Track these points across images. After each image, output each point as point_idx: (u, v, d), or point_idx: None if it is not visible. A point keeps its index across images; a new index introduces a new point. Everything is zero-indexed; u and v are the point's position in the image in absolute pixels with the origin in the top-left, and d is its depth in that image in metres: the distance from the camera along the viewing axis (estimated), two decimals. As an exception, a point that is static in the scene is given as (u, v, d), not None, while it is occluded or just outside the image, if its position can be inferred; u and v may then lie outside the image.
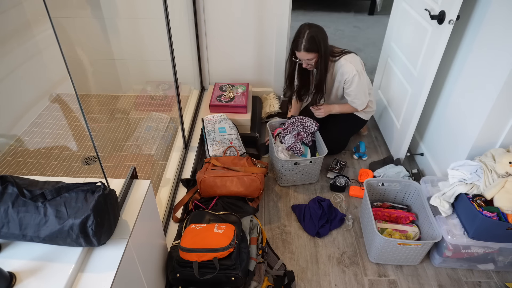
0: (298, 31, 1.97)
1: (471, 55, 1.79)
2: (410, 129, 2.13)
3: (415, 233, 1.76)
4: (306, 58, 2.00)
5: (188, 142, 2.30)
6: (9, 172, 2.09)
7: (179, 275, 1.46)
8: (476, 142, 1.73)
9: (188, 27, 2.53)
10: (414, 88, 2.06)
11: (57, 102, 2.62)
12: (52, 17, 0.92)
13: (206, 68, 2.76)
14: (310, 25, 1.96)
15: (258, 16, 2.49)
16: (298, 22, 4.65)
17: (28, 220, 0.95)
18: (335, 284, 1.68)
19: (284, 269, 1.72)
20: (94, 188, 0.99)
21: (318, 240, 1.88)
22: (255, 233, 1.69)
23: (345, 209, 2.05)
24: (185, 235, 1.49)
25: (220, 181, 1.87)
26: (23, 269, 0.95)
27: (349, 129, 2.40)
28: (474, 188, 1.60)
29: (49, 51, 2.40)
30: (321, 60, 2.00)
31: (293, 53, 2.05)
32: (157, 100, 2.72)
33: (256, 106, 2.70)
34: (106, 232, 1.01)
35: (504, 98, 1.57)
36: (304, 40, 1.93)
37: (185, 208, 1.89)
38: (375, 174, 2.23)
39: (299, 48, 1.97)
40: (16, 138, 2.32)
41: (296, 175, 2.13)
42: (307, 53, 1.96)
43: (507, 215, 1.51)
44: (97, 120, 2.56)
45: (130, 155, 2.24)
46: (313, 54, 1.98)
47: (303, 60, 2.02)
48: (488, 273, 1.73)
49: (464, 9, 1.78)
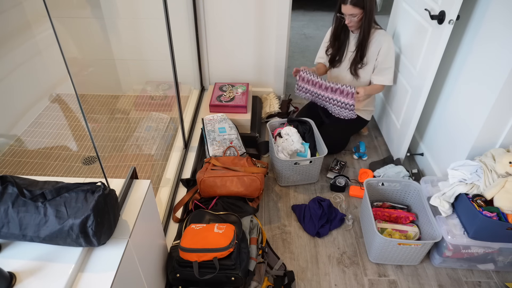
0: None
1: (471, 55, 1.79)
2: (410, 129, 2.13)
3: (415, 233, 1.76)
4: (351, 12, 1.98)
5: (188, 142, 2.30)
6: (9, 172, 2.09)
7: (179, 275, 1.46)
8: (476, 142, 1.73)
9: (188, 27, 2.53)
10: (414, 88, 2.06)
11: (57, 102, 2.62)
12: (52, 17, 0.92)
13: (206, 68, 2.76)
14: None
15: (258, 16, 2.49)
16: (298, 22, 4.60)
17: (28, 220, 0.95)
18: (335, 284, 1.68)
19: (284, 269, 1.72)
20: (94, 188, 0.99)
21: (318, 240, 1.88)
22: (255, 233, 1.69)
23: (345, 209, 2.05)
24: (185, 235, 1.49)
25: (220, 181, 1.87)
26: (23, 269, 0.95)
27: (349, 128, 2.40)
28: (474, 188, 1.60)
29: (49, 51, 2.40)
30: (365, 18, 2.00)
31: (339, 8, 2.04)
32: (157, 100, 2.72)
33: (256, 106, 2.70)
34: (106, 232, 1.01)
35: (504, 98, 1.57)
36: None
37: (185, 208, 1.89)
38: (375, 174, 2.23)
39: (346, 1, 1.96)
40: (16, 138, 2.32)
41: (296, 175, 2.13)
42: (353, 7, 1.95)
43: (507, 215, 1.51)
44: (97, 120, 2.56)
45: (130, 155, 2.24)
46: (358, 10, 1.97)
47: (347, 15, 2.00)
48: (488, 273, 1.73)
49: (464, 9, 1.78)
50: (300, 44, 3.96)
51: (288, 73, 2.90)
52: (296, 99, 2.95)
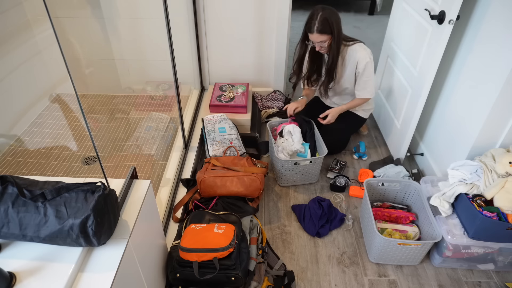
0: (311, 13, 1.94)
1: (471, 55, 1.79)
2: (410, 129, 2.13)
3: (415, 233, 1.76)
4: (319, 40, 1.96)
5: (188, 142, 2.30)
6: (9, 172, 2.09)
7: (179, 275, 1.46)
8: (476, 142, 1.73)
9: (188, 27, 2.53)
10: (414, 88, 2.06)
11: (57, 102, 2.62)
12: (52, 17, 0.92)
13: (206, 68, 2.76)
14: (323, 7, 1.93)
15: (258, 16, 2.49)
16: (298, 22, 4.60)
17: (28, 220, 0.95)
18: (335, 284, 1.68)
19: (284, 269, 1.72)
20: (94, 188, 0.99)
21: (318, 240, 1.88)
22: (255, 233, 1.69)
23: (345, 209, 2.05)
24: (185, 235, 1.49)
25: (220, 181, 1.87)
26: (23, 269, 0.95)
27: (348, 128, 2.40)
28: (474, 188, 1.60)
29: (49, 51, 2.41)
30: (334, 43, 1.98)
31: (305, 36, 2.02)
32: (157, 100, 2.72)
33: (256, 106, 2.70)
34: (106, 232, 1.01)
35: (504, 98, 1.57)
36: (317, 21, 1.90)
37: (185, 208, 1.89)
38: (375, 174, 2.23)
39: (312, 30, 1.93)
40: (16, 138, 2.32)
41: (296, 175, 2.13)
42: (320, 34, 1.93)
43: (507, 215, 1.51)
44: (97, 120, 2.56)
45: (130, 155, 2.24)
46: (326, 36, 1.95)
47: (316, 42, 1.99)
48: (488, 273, 1.73)
49: (464, 8, 1.78)
50: (300, 44, 3.96)
51: (288, 73, 2.90)
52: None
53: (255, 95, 2.78)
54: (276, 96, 2.80)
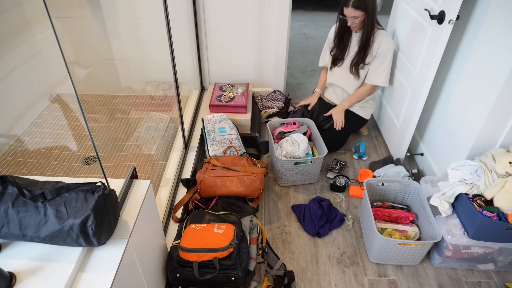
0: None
1: (471, 55, 1.79)
2: (410, 129, 2.13)
3: (415, 233, 1.76)
4: (353, 15, 2.01)
5: (188, 142, 2.30)
6: (9, 172, 2.09)
7: (179, 275, 1.46)
8: (476, 142, 1.73)
9: (188, 27, 2.53)
10: (414, 88, 2.06)
11: (57, 102, 2.62)
12: (52, 17, 0.92)
13: (206, 68, 2.76)
14: None
15: (258, 16, 2.49)
16: (298, 22, 4.61)
17: (28, 220, 0.95)
18: (335, 284, 1.68)
19: (284, 269, 1.72)
20: (94, 188, 0.99)
21: (318, 240, 1.88)
22: (255, 233, 1.69)
23: (345, 209, 2.05)
24: (185, 235, 1.49)
25: (220, 181, 1.87)
26: (23, 269, 0.95)
27: (348, 127, 2.39)
28: (474, 188, 1.60)
29: (49, 51, 2.41)
30: (368, 20, 2.03)
31: (341, 10, 2.07)
32: (157, 100, 2.73)
33: (256, 106, 2.70)
34: (106, 232, 1.01)
35: (504, 98, 1.57)
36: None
37: (185, 208, 1.89)
38: (375, 174, 2.23)
39: (347, 4, 1.99)
40: (16, 138, 2.32)
41: (296, 175, 2.12)
42: (355, 9, 1.99)
43: (507, 215, 1.51)
44: (97, 120, 2.56)
45: (130, 155, 2.24)
46: (360, 12, 2.00)
47: (349, 17, 2.03)
48: (488, 273, 1.73)
49: (464, 9, 1.78)
50: (300, 44, 3.96)
51: (288, 73, 2.90)
52: (295, 99, 2.95)
53: (255, 95, 2.78)
54: (276, 96, 2.81)
